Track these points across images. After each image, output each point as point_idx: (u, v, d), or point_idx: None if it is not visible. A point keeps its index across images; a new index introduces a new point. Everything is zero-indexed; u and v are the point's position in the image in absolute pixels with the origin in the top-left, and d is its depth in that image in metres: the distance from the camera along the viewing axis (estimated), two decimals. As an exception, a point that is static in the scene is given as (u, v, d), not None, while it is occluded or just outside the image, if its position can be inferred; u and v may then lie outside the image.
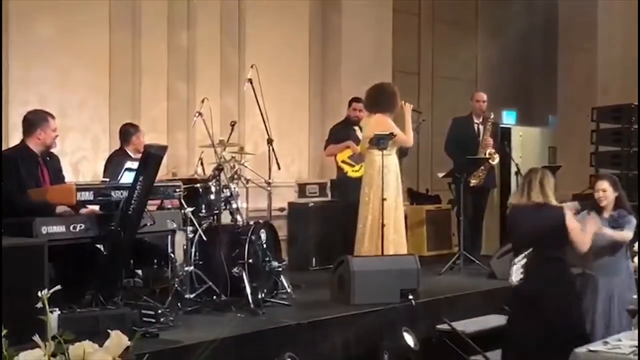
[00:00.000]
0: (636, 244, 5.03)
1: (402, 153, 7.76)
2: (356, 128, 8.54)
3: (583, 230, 5.78)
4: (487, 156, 8.63)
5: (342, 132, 8.57)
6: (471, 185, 8.55)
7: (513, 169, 9.15)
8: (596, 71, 11.70)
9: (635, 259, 5.59)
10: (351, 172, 8.32)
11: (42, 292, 2.72)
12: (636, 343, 4.58)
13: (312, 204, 8.67)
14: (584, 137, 10.45)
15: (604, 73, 11.73)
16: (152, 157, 5.32)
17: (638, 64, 11.17)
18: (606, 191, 6.18)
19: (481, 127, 8.89)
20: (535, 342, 5.50)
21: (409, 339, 5.89)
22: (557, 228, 5.68)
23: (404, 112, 7.33)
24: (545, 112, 13.20)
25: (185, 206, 6.10)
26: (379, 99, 7.22)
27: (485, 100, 8.96)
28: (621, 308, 5.92)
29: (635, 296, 4.91)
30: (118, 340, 2.59)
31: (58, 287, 2.87)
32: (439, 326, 6.40)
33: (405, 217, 8.24)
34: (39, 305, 2.72)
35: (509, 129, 12.93)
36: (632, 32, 12.13)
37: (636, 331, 4.94)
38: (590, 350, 4.54)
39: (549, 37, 12.26)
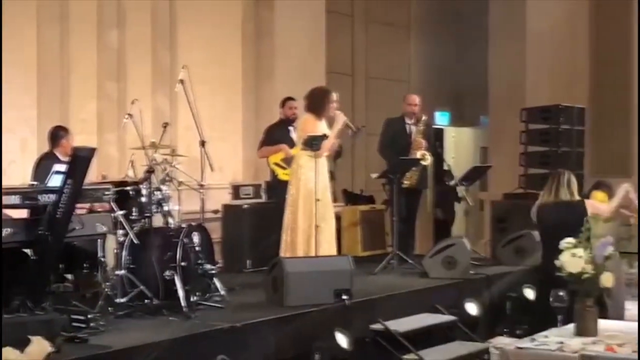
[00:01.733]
0: None
1: (337, 154, 7.80)
2: (291, 128, 8.57)
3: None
4: (420, 157, 8.72)
5: (278, 133, 8.59)
6: (403, 186, 8.63)
7: (445, 169, 9.27)
8: (525, 72, 11.93)
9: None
10: (282, 174, 8.33)
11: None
12: (562, 339, 4.68)
13: (246, 205, 8.64)
14: (514, 137, 10.64)
15: (533, 74, 11.96)
16: (80, 160, 5.24)
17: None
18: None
19: (413, 128, 8.97)
20: None
21: (342, 340, 5.91)
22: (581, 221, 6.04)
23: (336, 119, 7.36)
24: (477, 112, 13.41)
25: (116, 209, 6.03)
26: (309, 100, 7.35)
27: (417, 104, 9.02)
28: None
29: (562, 293, 5.01)
30: (39, 345, 2.55)
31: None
32: (372, 326, 6.44)
33: (339, 218, 8.29)
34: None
35: (442, 129, 13.10)
36: (560, 33, 12.40)
37: (563, 328, 5.05)
38: (519, 347, 4.61)
39: (480, 39, 12.45)
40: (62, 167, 5.48)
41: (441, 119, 13.28)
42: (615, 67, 12.76)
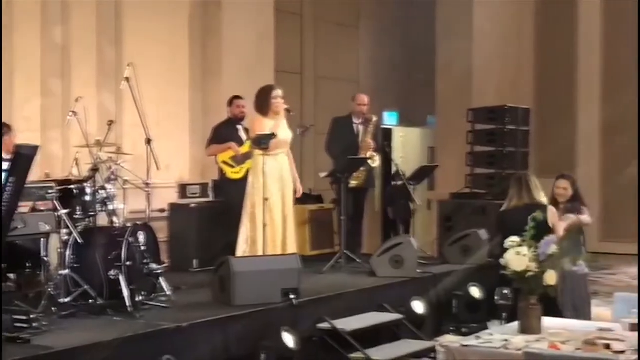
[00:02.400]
0: None
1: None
2: (239, 127, 8.54)
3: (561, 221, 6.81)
4: (368, 157, 8.74)
5: (226, 131, 8.55)
6: (351, 186, 8.63)
7: (393, 169, 9.30)
8: (472, 73, 12.06)
9: None
10: (230, 173, 8.31)
11: None
12: (507, 337, 4.73)
13: (193, 205, 8.57)
14: (461, 137, 10.74)
15: (480, 75, 12.10)
16: (22, 158, 5.14)
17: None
18: (567, 189, 6.97)
19: (361, 127, 8.99)
20: None
21: (289, 339, 5.90)
22: (546, 224, 6.32)
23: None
24: (425, 112, 13.50)
25: (60, 208, 5.94)
26: (255, 100, 7.42)
27: (367, 104, 9.04)
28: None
29: (507, 291, 5.08)
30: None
31: None
32: (319, 325, 6.44)
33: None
34: None
35: (390, 129, 13.15)
36: (506, 34, 12.57)
37: (508, 325, 5.11)
38: (464, 345, 4.65)
39: (429, 39, 12.54)
40: (5, 165, 5.37)
41: (389, 119, 13.33)
42: (559, 68, 13.00)
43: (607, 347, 4.47)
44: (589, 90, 12.84)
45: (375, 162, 8.86)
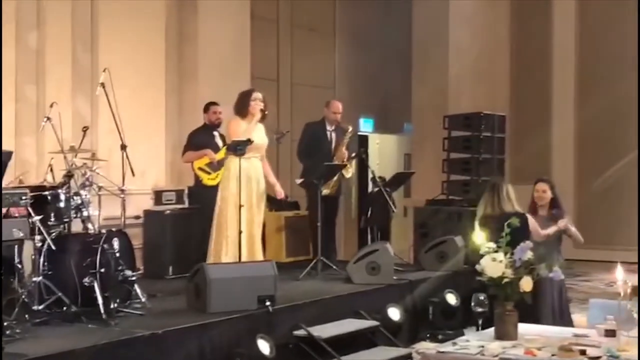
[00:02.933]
0: None
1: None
2: (215, 133, 8.52)
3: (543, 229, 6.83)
4: (343, 164, 8.73)
5: (202, 138, 8.53)
6: (323, 194, 8.60)
7: (370, 176, 9.31)
8: (447, 80, 12.10)
9: None
10: (207, 179, 8.29)
11: None
12: (482, 343, 4.73)
13: (168, 211, 8.52)
14: (437, 144, 10.77)
15: (455, 82, 12.15)
16: (-5, 163, 5.10)
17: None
18: (545, 192, 6.96)
19: (334, 134, 8.98)
20: None
21: (264, 346, 5.87)
22: (524, 232, 6.27)
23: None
24: (401, 119, 13.54)
25: (33, 214, 5.88)
26: (235, 103, 7.39)
27: (341, 112, 9.03)
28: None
29: (482, 297, 5.07)
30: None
31: None
32: (295, 332, 6.42)
33: (264, 224, 8.24)
34: None
35: (367, 136, 13.17)
36: (482, 41, 12.64)
37: (484, 332, 5.11)
38: (440, 352, 4.64)
39: (404, 45, 12.58)
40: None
41: (366, 125, 13.35)
42: (534, 76, 13.10)
43: (583, 352, 4.48)
44: (564, 98, 12.95)
45: (349, 172, 8.88)
